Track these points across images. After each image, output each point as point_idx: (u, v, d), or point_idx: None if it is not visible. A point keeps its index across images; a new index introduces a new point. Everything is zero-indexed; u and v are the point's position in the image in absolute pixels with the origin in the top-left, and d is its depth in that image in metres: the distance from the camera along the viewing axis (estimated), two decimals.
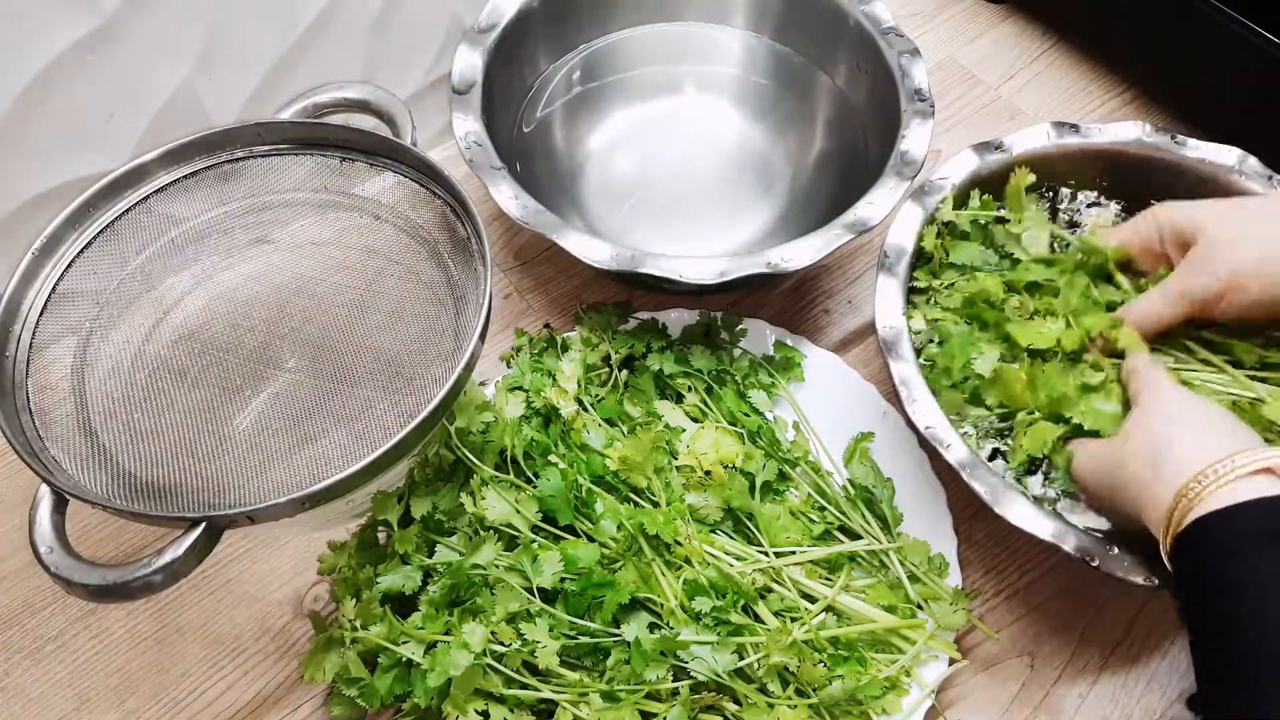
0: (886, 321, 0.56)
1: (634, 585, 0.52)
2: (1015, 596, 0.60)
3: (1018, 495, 0.50)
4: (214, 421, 0.53)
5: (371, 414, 0.53)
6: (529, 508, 0.55)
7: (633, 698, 0.50)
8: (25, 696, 0.57)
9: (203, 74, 0.64)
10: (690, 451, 0.59)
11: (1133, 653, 0.57)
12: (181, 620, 0.59)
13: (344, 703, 0.52)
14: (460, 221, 0.54)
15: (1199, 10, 0.70)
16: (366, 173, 0.57)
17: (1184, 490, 0.42)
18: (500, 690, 0.50)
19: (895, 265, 0.58)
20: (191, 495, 0.49)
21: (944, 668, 0.54)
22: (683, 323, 0.66)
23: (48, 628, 0.59)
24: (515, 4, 0.70)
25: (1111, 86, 0.84)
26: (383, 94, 0.58)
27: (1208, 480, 0.41)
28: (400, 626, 0.51)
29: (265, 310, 0.57)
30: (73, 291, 0.52)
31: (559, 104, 0.76)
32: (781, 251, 0.58)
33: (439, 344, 0.54)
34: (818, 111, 0.76)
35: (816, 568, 0.56)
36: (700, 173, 0.75)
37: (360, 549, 0.56)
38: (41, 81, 0.58)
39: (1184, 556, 0.42)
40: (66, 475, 0.46)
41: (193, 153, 0.55)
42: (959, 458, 0.51)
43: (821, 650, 0.52)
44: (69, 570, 0.43)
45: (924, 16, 0.90)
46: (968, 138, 0.80)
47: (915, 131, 0.62)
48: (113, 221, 0.53)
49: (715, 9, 0.78)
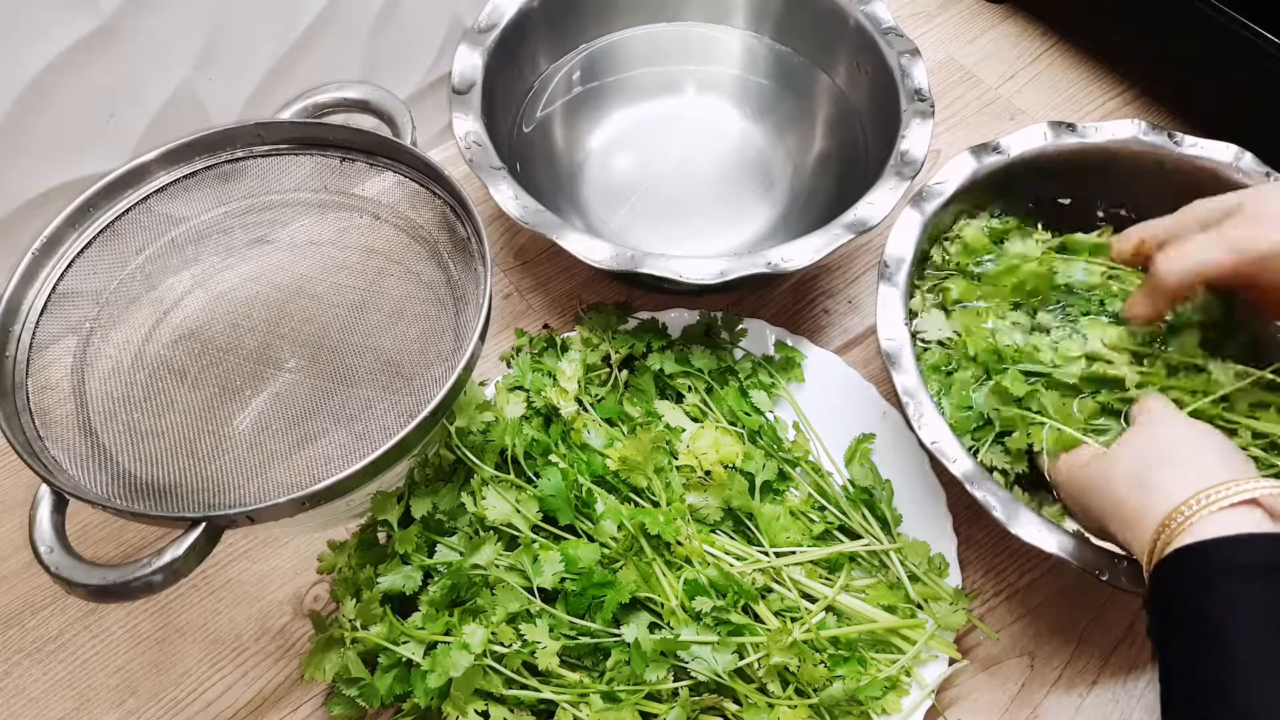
0: (888, 333, 0.55)
1: (634, 585, 0.52)
2: (1015, 596, 0.60)
3: (1024, 509, 0.50)
4: (214, 421, 0.53)
5: (371, 414, 0.53)
6: (529, 508, 0.55)
7: (633, 698, 0.50)
8: (25, 696, 0.57)
9: (203, 74, 0.64)
10: (690, 451, 0.59)
11: (1133, 653, 0.57)
12: (181, 620, 0.59)
13: (344, 703, 0.52)
14: (460, 221, 0.54)
15: (1199, 10, 0.70)
16: (366, 173, 0.57)
17: (1169, 518, 0.41)
18: (500, 691, 0.50)
19: (895, 275, 0.58)
20: (191, 495, 0.49)
21: (944, 668, 0.54)
22: (683, 323, 0.66)
23: (48, 628, 0.59)
24: (515, 4, 0.70)
25: (1111, 86, 0.84)
26: (383, 94, 0.58)
27: (1192, 509, 0.41)
28: (400, 626, 0.51)
29: (265, 310, 0.57)
30: (73, 291, 0.52)
31: (559, 104, 0.76)
32: (781, 251, 0.58)
33: (439, 344, 0.54)
34: (818, 111, 0.76)
35: (816, 568, 0.56)
36: (700, 173, 0.75)
37: (360, 549, 0.56)
38: (41, 81, 0.58)
39: (1161, 584, 0.42)
40: (66, 475, 0.46)
41: (193, 153, 0.55)
42: (964, 471, 0.51)
43: (822, 650, 0.52)
44: (69, 570, 0.43)
45: (924, 16, 0.90)
46: (968, 138, 0.80)
47: (915, 131, 0.62)
48: (113, 221, 0.53)
49: (715, 9, 0.78)
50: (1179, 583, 0.41)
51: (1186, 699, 0.39)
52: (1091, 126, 0.62)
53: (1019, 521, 0.49)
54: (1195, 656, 0.39)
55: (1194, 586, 0.40)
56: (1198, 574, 0.40)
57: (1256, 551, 0.39)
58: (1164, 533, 0.41)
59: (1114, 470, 0.46)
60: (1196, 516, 0.40)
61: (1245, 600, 0.38)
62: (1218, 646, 0.38)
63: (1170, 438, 0.46)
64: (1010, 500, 0.50)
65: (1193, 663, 0.39)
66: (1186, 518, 0.41)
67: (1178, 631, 0.40)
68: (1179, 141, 0.60)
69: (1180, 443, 0.45)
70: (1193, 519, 0.41)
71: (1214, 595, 0.39)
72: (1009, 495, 0.50)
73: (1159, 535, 0.42)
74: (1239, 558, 0.39)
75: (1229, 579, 0.39)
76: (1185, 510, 0.41)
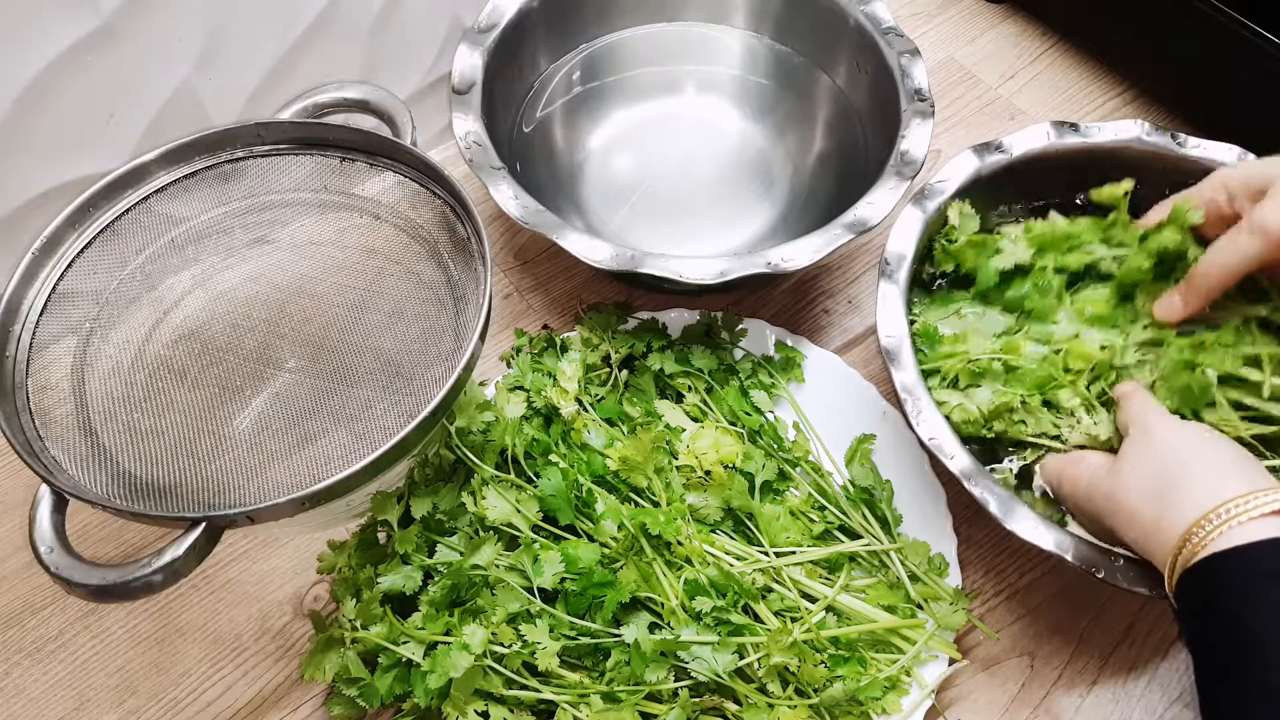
0: (888, 330, 0.55)
1: (634, 585, 0.52)
2: (1015, 596, 0.60)
3: (1021, 506, 0.50)
4: (214, 421, 0.53)
5: (371, 414, 0.53)
6: (529, 508, 0.55)
7: (633, 699, 0.50)
8: (25, 696, 0.57)
9: (203, 74, 0.64)
10: (690, 451, 0.59)
11: (1133, 653, 0.57)
12: (181, 620, 0.59)
13: (344, 703, 0.52)
14: (460, 221, 0.54)
15: (1199, 10, 0.70)
16: (366, 173, 0.57)
17: (1196, 527, 0.41)
18: (500, 691, 0.50)
19: (896, 272, 0.58)
20: (191, 495, 0.49)
21: (944, 668, 0.54)
22: (683, 323, 0.66)
23: (48, 628, 0.59)
24: (515, 4, 0.70)
25: (1111, 86, 0.84)
26: (383, 94, 0.58)
27: (1220, 519, 0.41)
28: (400, 627, 0.51)
29: (265, 310, 0.57)
30: (73, 291, 0.52)
31: (559, 104, 0.76)
32: (781, 251, 0.58)
33: (439, 344, 0.54)
34: (818, 111, 0.76)
35: (816, 568, 0.56)
36: (700, 173, 0.75)
37: (360, 549, 0.56)
38: (41, 81, 0.58)
39: (1193, 592, 0.41)
40: (66, 475, 0.46)
41: (193, 153, 0.55)
42: (962, 468, 0.51)
43: (822, 650, 0.52)
44: (69, 570, 0.43)
45: (924, 16, 0.90)
46: (968, 137, 0.80)
47: (915, 131, 0.62)
48: (113, 221, 0.53)
49: (715, 9, 0.78)
50: (1214, 589, 0.40)
51: (1232, 704, 0.39)
52: (1094, 126, 0.62)
53: (1015, 518, 0.49)
54: (1234, 661, 0.39)
55: (1230, 593, 0.40)
56: (1233, 580, 0.40)
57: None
58: (1189, 542, 0.41)
59: (1126, 482, 0.46)
60: (1225, 526, 0.40)
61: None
62: (1258, 651, 0.38)
63: (1178, 445, 0.46)
64: (1008, 497, 0.50)
65: (1232, 667, 0.39)
66: (1215, 526, 0.41)
67: (1215, 637, 0.40)
68: (1181, 142, 0.60)
69: (1192, 450, 0.45)
70: (1221, 528, 0.40)
71: (1253, 601, 0.39)
72: (1006, 492, 0.50)
73: (1183, 544, 0.41)
74: (1276, 564, 0.39)
75: (1267, 583, 0.39)
76: (1214, 519, 0.41)
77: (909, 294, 0.58)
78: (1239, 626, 0.39)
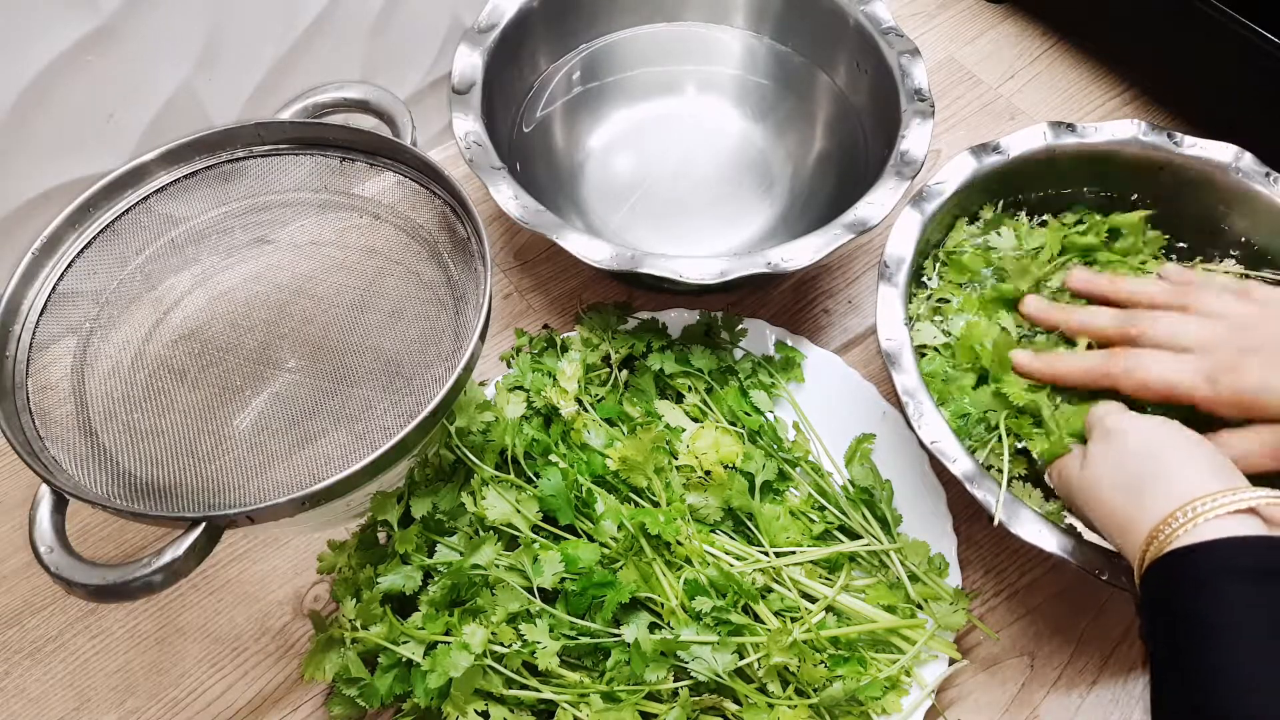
0: (888, 333, 0.55)
1: (634, 585, 0.52)
2: (1015, 596, 0.60)
3: (1023, 508, 0.50)
4: (214, 421, 0.53)
5: (371, 414, 0.53)
6: (529, 508, 0.55)
7: (633, 698, 0.50)
8: (25, 696, 0.57)
9: (203, 74, 0.64)
10: (690, 451, 0.59)
11: (1133, 653, 0.57)
12: (181, 620, 0.59)
13: (344, 703, 0.52)
14: (460, 221, 0.54)
15: (1199, 10, 0.70)
16: (366, 173, 0.57)
17: (1165, 522, 0.41)
18: (500, 691, 0.50)
19: (895, 275, 0.58)
20: (191, 495, 0.49)
21: (944, 668, 0.54)
22: (683, 323, 0.66)
23: (48, 628, 0.59)
24: (515, 4, 0.70)
25: (1111, 86, 0.84)
26: (383, 94, 0.58)
27: (1188, 515, 0.41)
28: (400, 626, 0.51)
29: (265, 310, 0.57)
30: (73, 291, 0.52)
31: (559, 104, 0.76)
32: (781, 251, 0.58)
33: (439, 344, 0.54)
34: (818, 111, 0.76)
35: (816, 568, 0.56)
36: (700, 173, 0.75)
37: (360, 549, 0.56)
38: (41, 81, 0.58)
39: (1155, 585, 0.42)
40: (66, 475, 0.46)
41: (193, 153, 0.55)
42: (964, 471, 0.51)
43: (822, 650, 0.52)
44: (69, 570, 0.43)
45: (924, 16, 0.90)
46: (968, 137, 0.80)
47: (915, 131, 0.62)
48: (113, 221, 0.53)
49: (715, 9, 0.78)
50: (1175, 582, 0.41)
51: (1182, 688, 0.39)
52: (1091, 127, 0.62)
53: (1019, 521, 0.49)
54: (1191, 650, 0.39)
55: (1189, 586, 0.40)
56: (1194, 575, 0.40)
57: (1257, 554, 0.39)
58: (1158, 537, 0.42)
59: (1100, 477, 0.46)
60: (1193, 522, 0.40)
61: (1243, 602, 0.38)
62: (1208, 635, 0.38)
63: (1152, 440, 0.46)
64: (1010, 500, 0.50)
65: (1188, 654, 0.39)
66: (1183, 523, 0.41)
67: (1173, 630, 0.40)
68: (1179, 142, 0.60)
69: (1167, 447, 0.45)
70: (1188, 525, 0.41)
71: (1209, 593, 0.39)
72: (1009, 495, 0.50)
73: (1152, 539, 0.42)
74: (1239, 559, 0.39)
75: (1227, 579, 0.39)
76: (1181, 515, 0.41)
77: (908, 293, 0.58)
78: (1193, 616, 0.39)
